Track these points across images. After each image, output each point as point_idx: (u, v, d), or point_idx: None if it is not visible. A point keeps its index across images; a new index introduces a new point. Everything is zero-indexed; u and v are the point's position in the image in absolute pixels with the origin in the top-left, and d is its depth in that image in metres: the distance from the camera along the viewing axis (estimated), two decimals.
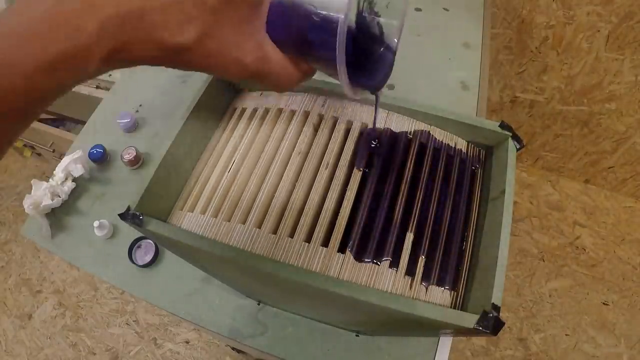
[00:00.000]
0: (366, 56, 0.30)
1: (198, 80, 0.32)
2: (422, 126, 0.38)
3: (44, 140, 1.22)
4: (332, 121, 0.38)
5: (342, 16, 0.23)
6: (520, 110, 1.32)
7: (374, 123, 0.37)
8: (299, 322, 0.54)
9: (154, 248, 0.60)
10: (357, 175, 0.35)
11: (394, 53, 0.31)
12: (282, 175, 0.36)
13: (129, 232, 0.61)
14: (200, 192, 0.36)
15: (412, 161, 0.36)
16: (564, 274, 1.32)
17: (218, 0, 0.20)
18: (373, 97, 0.33)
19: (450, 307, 0.31)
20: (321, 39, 0.24)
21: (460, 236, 0.34)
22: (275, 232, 0.33)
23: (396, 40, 0.30)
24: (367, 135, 0.37)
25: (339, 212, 0.33)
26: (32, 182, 0.63)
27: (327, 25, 0.24)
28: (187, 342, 1.27)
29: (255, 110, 0.40)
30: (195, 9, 0.20)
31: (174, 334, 1.29)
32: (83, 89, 0.95)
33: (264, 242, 0.32)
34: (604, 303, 1.27)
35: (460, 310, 0.30)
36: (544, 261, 1.35)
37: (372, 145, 0.37)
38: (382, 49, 0.31)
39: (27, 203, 0.61)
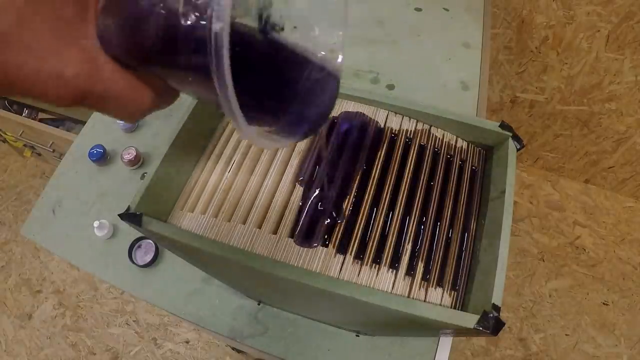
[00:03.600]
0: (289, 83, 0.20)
1: None
2: (422, 126, 0.38)
3: (44, 140, 1.22)
4: (332, 120, 0.38)
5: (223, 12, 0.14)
6: (520, 110, 1.32)
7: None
8: (299, 322, 0.54)
9: (154, 248, 0.59)
10: (357, 175, 0.35)
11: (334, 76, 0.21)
12: (282, 175, 0.36)
13: (129, 232, 0.61)
14: (200, 192, 0.36)
15: (412, 161, 0.36)
16: (564, 274, 1.32)
17: None
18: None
19: (451, 307, 0.31)
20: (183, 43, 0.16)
21: (460, 236, 0.34)
22: (275, 232, 0.33)
23: (339, 60, 0.20)
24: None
25: (339, 212, 0.33)
26: None
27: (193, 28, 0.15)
28: (187, 342, 1.27)
29: None
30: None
31: (174, 334, 1.29)
32: None
33: (264, 242, 0.32)
34: (604, 303, 1.27)
35: (461, 310, 0.30)
36: (544, 261, 1.35)
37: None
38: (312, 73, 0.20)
39: None
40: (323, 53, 0.20)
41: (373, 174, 0.35)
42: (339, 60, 0.20)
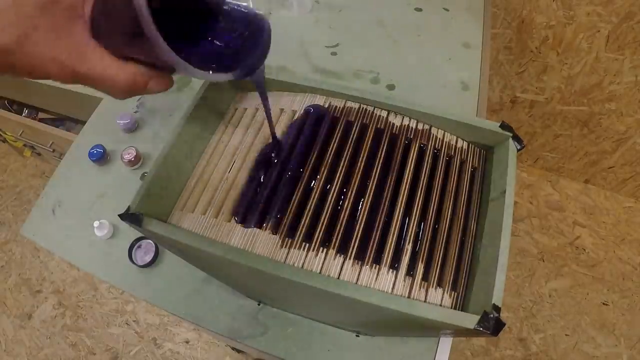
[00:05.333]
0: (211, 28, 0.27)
1: (198, 81, 0.32)
2: (422, 126, 0.38)
3: (44, 140, 1.22)
4: (333, 117, 0.38)
5: None
6: (520, 110, 1.32)
7: (270, 126, 0.36)
8: (299, 322, 0.54)
9: (154, 248, 0.59)
10: (357, 175, 0.35)
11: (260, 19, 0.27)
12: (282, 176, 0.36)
13: (129, 232, 0.61)
14: (200, 192, 0.36)
15: (412, 161, 0.36)
16: (564, 274, 1.32)
17: (33, 8, 0.23)
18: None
19: (451, 308, 0.31)
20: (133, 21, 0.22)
21: (460, 237, 0.34)
22: (275, 232, 0.33)
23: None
24: (267, 147, 0.36)
25: (339, 212, 0.33)
26: None
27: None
28: (187, 342, 1.27)
29: (256, 110, 0.40)
30: (14, 15, 0.22)
31: (174, 334, 1.29)
32: (83, 89, 0.95)
33: (264, 242, 0.32)
34: (604, 303, 1.27)
35: (461, 310, 0.30)
36: (544, 261, 1.35)
37: (271, 156, 0.36)
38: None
39: None
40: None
41: (373, 174, 0.35)
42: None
